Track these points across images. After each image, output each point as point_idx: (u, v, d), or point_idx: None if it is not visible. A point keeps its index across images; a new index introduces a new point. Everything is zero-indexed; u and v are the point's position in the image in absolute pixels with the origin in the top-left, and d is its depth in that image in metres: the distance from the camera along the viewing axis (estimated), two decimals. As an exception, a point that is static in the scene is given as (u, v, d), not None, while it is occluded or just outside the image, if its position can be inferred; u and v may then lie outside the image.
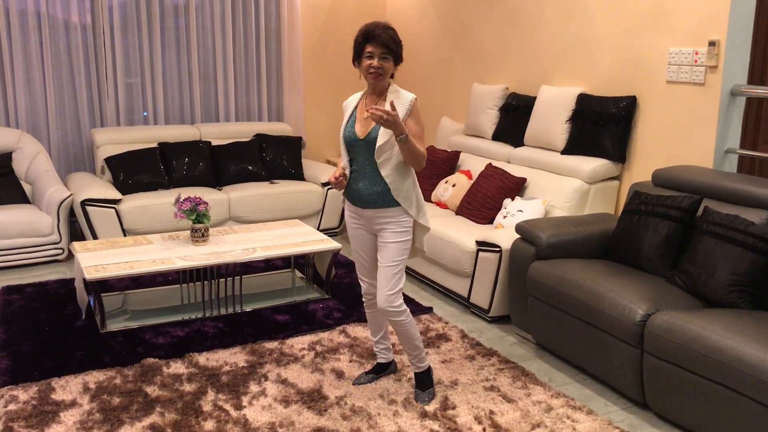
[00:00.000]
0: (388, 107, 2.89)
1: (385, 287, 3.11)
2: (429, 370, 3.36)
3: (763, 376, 2.65)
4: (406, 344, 3.26)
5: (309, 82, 6.93)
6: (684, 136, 4.23)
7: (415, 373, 3.35)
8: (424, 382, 3.34)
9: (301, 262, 5.06)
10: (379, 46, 2.96)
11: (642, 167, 4.51)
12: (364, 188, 3.08)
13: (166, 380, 3.45)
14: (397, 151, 3.01)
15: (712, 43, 3.98)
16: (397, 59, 3.03)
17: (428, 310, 4.42)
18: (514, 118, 5.29)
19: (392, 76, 3.08)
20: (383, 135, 3.00)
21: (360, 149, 3.08)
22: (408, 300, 4.47)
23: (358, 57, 3.04)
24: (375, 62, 2.97)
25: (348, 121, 3.14)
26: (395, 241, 3.11)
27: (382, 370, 3.52)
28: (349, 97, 3.23)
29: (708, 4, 4.00)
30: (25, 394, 3.29)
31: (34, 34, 5.76)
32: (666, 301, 3.24)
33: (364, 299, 3.41)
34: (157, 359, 3.67)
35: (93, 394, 3.30)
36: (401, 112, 2.98)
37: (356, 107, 3.16)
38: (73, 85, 5.99)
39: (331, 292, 4.64)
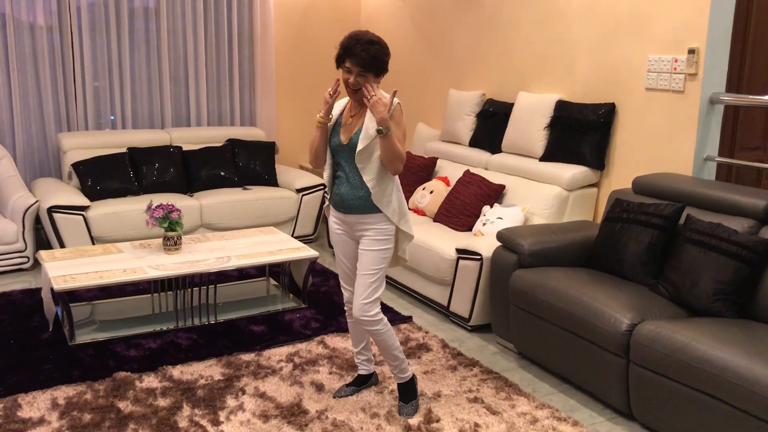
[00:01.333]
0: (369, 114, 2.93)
1: (361, 296, 3.04)
2: (412, 380, 3.28)
3: (752, 387, 2.63)
4: (386, 354, 3.18)
5: (282, 86, 6.82)
6: (663, 143, 4.22)
7: (398, 384, 3.28)
8: (408, 393, 3.26)
9: (276, 270, 4.95)
10: (356, 64, 2.91)
11: (621, 174, 4.49)
12: (347, 193, 3.04)
13: (140, 395, 3.33)
14: (378, 156, 2.94)
15: (691, 51, 3.98)
16: (379, 72, 2.96)
17: (408, 319, 4.34)
18: (491, 125, 5.25)
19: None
20: (363, 140, 2.95)
21: (344, 155, 3.05)
22: (387, 309, 4.39)
23: (338, 65, 3.00)
24: (351, 79, 2.94)
25: (333, 128, 3.10)
26: (374, 249, 3.04)
27: (364, 382, 3.43)
28: (338, 102, 3.16)
29: (687, 11, 4.00)
30: (-11, 411, 3.14)
31: (-2, 35, 5.57)
32: (651, 310, 3.21)
33: (345, 308, 3.33)
34: (129, 372, 3.54)
35: (62, 410, 3.16)
36: (372, 120, 2.95)
37: (341, 114, 3.12)
38: (39, 88, 5.80)
39: (308, 301, 4.54)
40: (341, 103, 3.15)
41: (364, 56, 2.88)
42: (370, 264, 3.05)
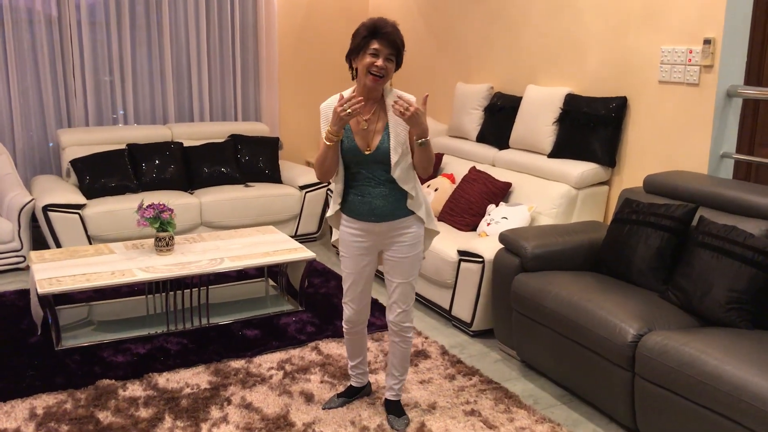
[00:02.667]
0: (391, 112, 2.73)
1: (403, 304, 2.94)
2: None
3: (766, 407, 2.42)
4: (402, 366, 3.06)
5: (287, 80, 6.66)
6: (677, 139, 3.99)
7: (394, 400, 3.11)
8: (399, 407, 3.10)
9: (275, 270, 4.80)
10: (387, 46, 2.65)
11: (633, 172, 4.27)
12: (376, 201, 2.79)
13: (121, 404, 3.19)
14: (410, 161, 2.77)
15: (707, 42, 3.74)
16: (399, 64, 2.76)
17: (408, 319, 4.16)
18: (499, 119, 5.04)
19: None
20: (396, 149, 2.73)
21: (365, 164, 2.77)
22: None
23: (357, 53, 2.69)
24: (380, 62, 2.65)
25: (345, 133, 2.78)
26: (411, 254, 2.89)
27: (355, 393, 3.27)
28: (328, 100, 2.81)
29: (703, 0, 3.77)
30: (-36, 422, 3.03)
31: (-4, 30, 5.47)
32: (659, 320, 3.01)
33: (345, 326, 3.08)
34: (113, 381, 3.41)
35: (39, 421, 3.04)
36: (399, 122, 2.73)
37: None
38: (39, 84, 5.70)
39: (306, 303, 4.38)
40: (332, 102, 2.79)
41: (395, 36, 2.66)
42: (410, 270, 2.91)
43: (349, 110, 2.60)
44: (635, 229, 3.44)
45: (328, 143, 2.69)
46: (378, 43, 2.64)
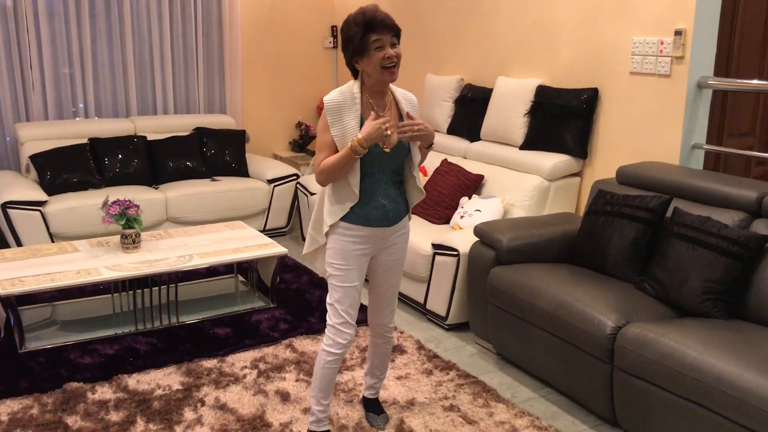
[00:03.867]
0: (407, 114, 2.62)
1: (390, 306, 2.88)
2: None
3: (744, 397, 2.43)
4: (384, 366, 3.00)
5: (251, 73, 6.53)
6: (649, 130, 4.01)
7: (373, 398, 3.07)
8: (379, 405, 3.06)
9: (245, 266, 4.71)
10: (387, 32, 2.49)
11: (604, 163, 4.28)
12: (389, 203, 2.65)
13: (91, 408, 3.09)
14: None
15: (678, 32, 3.75)
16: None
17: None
18: (469, 111, 5.01)
19: None
20: (414, 146, 2.65)
21: (381, 163, 2.60)
22: (362, 307, 4.15)
23: (362, 53, 2.50)
24: (390, 51, 2.49)
25: (350, 132, 2.56)
26: (404, 255, 2.82)
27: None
28: (330, 95, 2.58)
29: (673, -10, 3.77)
30: (-76, 430, 2.90)
31: (-52, 20, 5.25)
32: (636, 311, 3.01)
33: (337, 353, 2.69)
34: (81, 383, 3.30)
35: (4, 428, 2.92)
36: (413, 114, 2.64)
37: (360, 112, 2.58)
38: (-6, 76, 5.50)
39: (277, 300, 4.30)
40: (347, 97, 2.58)
41: (390, 18, 2.52)
42: (400, 272, 2.85)
43: (389, 132, 2.50)
44: (609, 221, 3.44)
45: (355, 155, 2.49)
46: (377, 34, 2.48)
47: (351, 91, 2.59)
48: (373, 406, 3.05)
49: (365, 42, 2.48)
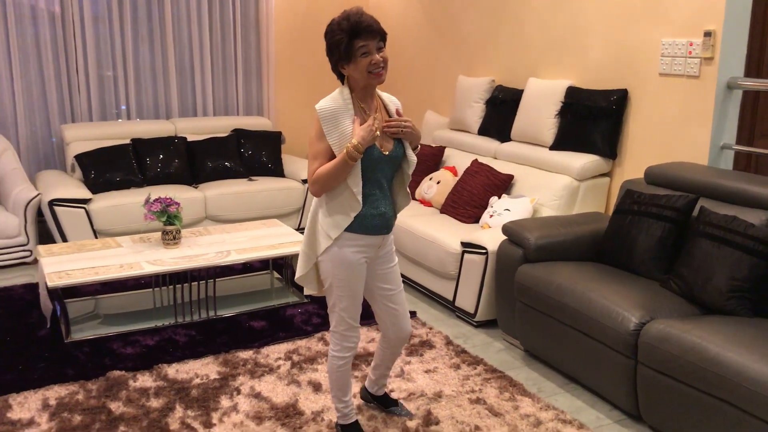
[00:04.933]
0: (396, 110, 2.66)
1: (406, 311, 2.86)
2: None
3: (766, 392, 2.48)
4: (392, 363, 3.03)
5: (288, 75, 6.69)
6: (677, 131, 4.04)
7: (384, 394, 3.15)
8: (390, 397, 3.15)
9: (279, 263, 4.85)
10: (373, 37, 2.46)
11: (633, 164, 4.32)
12: (388, 210, 2.65)
13: (132, 395, 3.24)
14: None
15: (707, 34, 3.78)
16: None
17: (411, 314, 4.22)
18: (500, 112, 5.09)
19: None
20: (408, 147, 2.67)
21: (380, 168, 2.59)
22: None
23: (347, 59, 2.48)
24: (376, 57, 2.47)
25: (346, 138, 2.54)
26: (396, 259, 2.83)
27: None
28: (323, 102, 2.54)
29: (703, -8, 3.81)
30: (-22, 412, 3.08)
31: (-1, 26, 5.50)
32: (661, 308, 3.06)
33: (346, 357, 2.75)
34: (123, 372, 3.46)
35: (53, 411, 3.09)
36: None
37: (353, 118, 2.55)
38: (42, 79, 5.73)
39: (310, 296, 4.42)
40: (340, 104, 2.55)
41: (376, 23, 2.48)
42: (399, 275, 2.84)
43: (378, 132, 2.50)
44: (637, 220, 3.49)
45: (351, 161, 2.47)
46: (363, 40, 2.45)
47: (342, 96, 2.56)
48: (389, 401, 3.12)
49: (351, 48, 2.45)
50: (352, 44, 2.46)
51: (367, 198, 2.58)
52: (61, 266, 3.85)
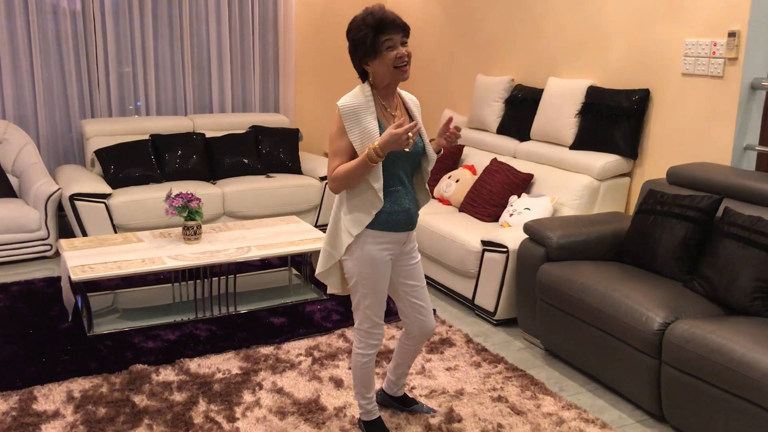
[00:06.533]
0: (414, 112, 2.70)
1: (429, 307, 2.85)
2: None
3: (794, 393, 2.47)
4: (411, 362, 3.02)
5: (306, 72, 6.71)
6: (700, 131, 4.03)
7: (405, 394, 3.15)
8: (409, 397, 3.15)
9: (298, 259, 4.87)
10: (398, 32, 2.48)
11: (654, 164, 4.31)
12: (412, 206, 2.66)
13: (155, 389, 3.26)
14: None
15: (732, 34, 3.77)
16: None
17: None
18: (520, 111, 5.08)
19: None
20: (428, 144, 2.70)
21: (401, 164, 2.60)
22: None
23: (373, 55, 2.49)
24: (402, 50, 2.49)
25: (382, 133, 2.53)
26: (419, 256, 2.85)
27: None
28: (345, 99, 2.54)
29: (728, -8, 3.79)
30: (5, 404, 3.10)
31: (21, 20, 5.53)
32: (685, 309, 3.06)
33: (371, 353, 2.76)
34: (146, 365, 3.48)
35: (77, 403, 3.11)
36: (418, 116, 2.73)
37: (376, 114, 2.56)
38: (63, 74, 5.77)
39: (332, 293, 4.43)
40: (362, 101, 2.55)
41: (399, 18, 2.50)
42: (422, 271, 2.85)
43: (411, 139, 2.46)
44: (660, 220, 3.48)
45: (371, 163, 2.46)
46: (388, 34, 2.47)
47: (364, 93, 2.55)
48: (410, 401, 3.12)
49: (376, 43, 2.47)
50: (377, 39, 2.47)
51: (391, 194, 2.59)
52: (83, 260, 3.88)
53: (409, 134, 2.44)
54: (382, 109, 2.60)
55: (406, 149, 2.53)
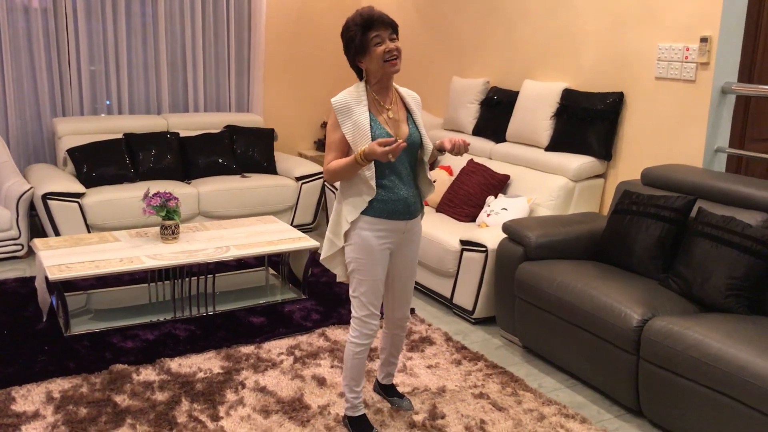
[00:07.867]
0: (413, 107, 2.79)
1: (408, 303, 2.94)
2: None
3: (766, 385, 2.56)
4: (399, 350, 3.10)
5: (281, 72, 6.70)
6: (672, 134, 4.13)
7: (391, 384, 3.19)
8: (395, 389, 3.19)
9: (275, 259, 4.86)
10: (385, 28, 2.62)
11: (628, 165, 4.40)
12: (410, 195, 2.73)
13: (137, 388, 3.24)
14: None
15: (704, 39, 3.88)
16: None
17: (410, 310, 4.25)
18: (495, 113, 5.15)
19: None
20: (425, 136, 2.76)
21: (400, 155, 2.69)
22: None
23: (363, 52, 2.63)
24: (391, 45, 2.61)
25: (372, 125, 2.65)
26: (418, 249, 2.91)
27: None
28: (338, 95, 2.66)
29: (699, -1, 3.90)
30: (-18, 405, 3.05)
31: (-9, 17, 5.44)
32: (661, 306, 3.14)
33: (365, 344, 2.80)
34: (126, 365, 3.45)
35: (57, 404, 3.08)
36: (417, 112, 2.81)
37: (368, 108, 2.68)
38: (33, 72, 5.68)
39: (308, 292, 4.45)
40: (354, 97, 2.67)
41: (387, 16, 2.64)
42: (416, 266, 2.92)
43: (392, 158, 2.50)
44: (635, 220, 3.56)
45: (360, 164, 2.57)
46: (375, 30, 2.61)
47: (357, 89, 2.68)
48: (393, 391, 3.17)
49: (365, 40, 2.61)
50: (366, 36, 2.61)
51: (390, 184, 2.68)
52: (60, 260, 3.83)
53: (391, 158, 2.49)
54: (376, 103, 2.71)
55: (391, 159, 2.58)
